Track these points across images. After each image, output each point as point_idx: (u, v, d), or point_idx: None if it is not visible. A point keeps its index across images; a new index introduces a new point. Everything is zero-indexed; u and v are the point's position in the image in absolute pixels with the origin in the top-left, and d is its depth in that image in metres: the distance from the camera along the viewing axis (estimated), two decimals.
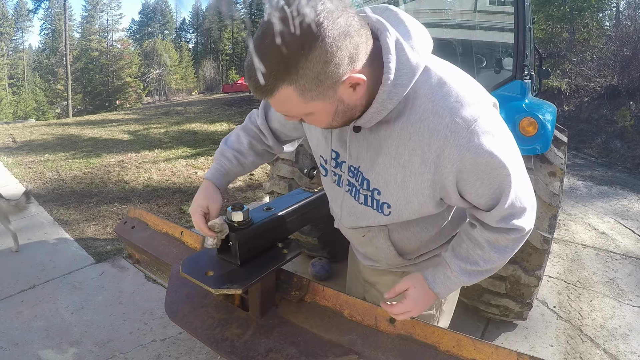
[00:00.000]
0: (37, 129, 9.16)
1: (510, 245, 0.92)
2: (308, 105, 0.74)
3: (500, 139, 0.80)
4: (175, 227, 1.51)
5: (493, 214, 0.87)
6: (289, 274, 1.22)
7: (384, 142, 0.87)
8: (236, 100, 15.71)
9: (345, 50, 0.68)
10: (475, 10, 3.23)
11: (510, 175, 0.82)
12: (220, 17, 36.07)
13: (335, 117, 0.80)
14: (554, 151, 2.13)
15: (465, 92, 0.80)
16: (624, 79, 9.27)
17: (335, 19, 0.67)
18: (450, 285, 0.96)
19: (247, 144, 1.16)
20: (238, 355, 1.03)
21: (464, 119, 0.77)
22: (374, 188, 0.94)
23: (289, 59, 0.66)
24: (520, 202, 0.87)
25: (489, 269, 0.95)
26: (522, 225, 0.88)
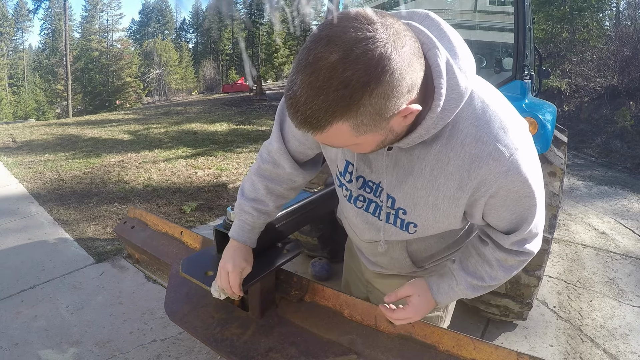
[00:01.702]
0: (37, 129, 9.16)
1: (516, 265, 0.93)
2: (359, 138, 0.67)
3: (535, 169, 0.80)
4: (175, 227, 1.51)
5: (510, 237, 0.87)
6: (289, 274, 1.22)
7: (417, 163, 0.83)
8: (236, 100, 15.72)
9: (407, 82, 0.62)
10: (475, 10, 3.23)
11: (536, 206, 0.83)
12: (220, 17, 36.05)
13: (380, 145, 0.74)
14: (554, 151, 2.13)
15: (508, 118, 0.77)
16: (624, 79, 9.27)
17: (402, 48, 0.60)
18: (453, 296, 0.98)
19: (263, 190, 1.05)
20: (238, 355, 1.03)
21: (507, 147, 0.75)
22: (399, 207, 0.90)
23: (351, 95, 0.58)
24: (536, 229, 0.88)
25: (493, 285, 0.96)
26: (532, 249, 0.91)
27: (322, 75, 0.57)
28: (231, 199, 4.38)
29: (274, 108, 12.47)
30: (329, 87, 0.58)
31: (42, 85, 37.02)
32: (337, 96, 0.58)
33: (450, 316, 1.26)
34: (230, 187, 4.77)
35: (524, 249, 0.89)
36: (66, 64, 30.81)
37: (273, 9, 0.85)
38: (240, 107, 13.07)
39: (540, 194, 0.83)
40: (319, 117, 0.60)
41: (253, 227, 1.06)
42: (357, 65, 0.56)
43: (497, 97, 0.81)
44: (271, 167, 1.04)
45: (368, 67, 0.57)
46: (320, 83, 0.58)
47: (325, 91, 0.58)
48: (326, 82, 0.57)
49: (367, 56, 0.57)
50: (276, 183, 1.05)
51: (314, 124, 0.62)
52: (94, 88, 39.37)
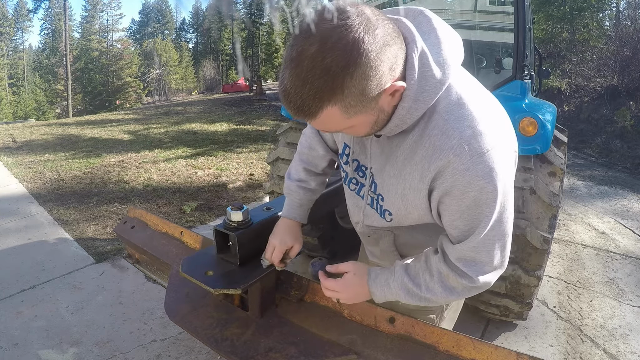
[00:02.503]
0: (37, 129, 9.16)
1: (457, 288, 0.88)
2: (351, 120, 0.72)
3: (500, 181, 0.76)
4: (175, 227, 1.51)
5: (457, 248, 0.84)
6: (289, 274, 1.22)
7: (394, 151, 0.86)
8: (236, 100, 15.72)
9: (386, 62, 0.66)
10: (475, 10, 3.23)
11: (491, 220, 0.79)
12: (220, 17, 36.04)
13: (374, 126, 0.78)
14: (554, 151, 2.13)
15: (483, 120, 0.76)
16: (624, 79, 9.27)
17: (374, 31, 0.64)
18: (386, 292, 0.94)
19: (304, 172, 1.18)
20: (238, 355, 1.03)
21: (471, 147, 0.74)
22: (379, 193, 0.93)
23: (333, 80, 0.63)
24: (488, 253, 0.83)
25: (428, 298, 0.90)
26: (477, 277, 0.84)
27: (305, 66, 0.63)
28: (231, 199, 4.38)
29: (274, 108, 12.48)
30: (313, 76, 0.63)
31: (42, 85, 37.03)
32: (321, 83, 0.63)
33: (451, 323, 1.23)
34: (230, 187, 4.77)
35: (467, 270, 0.84)
36: (66, 64, 30.81)
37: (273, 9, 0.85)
38: (240, 107, 13.07)
39: (500, 212, 0.79)
40: (309, 105, 0.66)
41: (301, 204, 1.17)
42: (334, 51, 0.61)
43: (481, 98, 0.80)
44: (308, 151, 1.17)
45: (344, 52, 0.62)
46: (305, 74, 0.63)
47: (310, 80, 0.63)
48: (310, 72, 0.63)
49: (342, 42, 0.61)
50: (313, 165, 1.18)
51: (306, 111, 0.67)
52: (94, 88, 39.39)
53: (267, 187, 2.78)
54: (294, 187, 1.16)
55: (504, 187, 0.78)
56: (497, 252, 0.83)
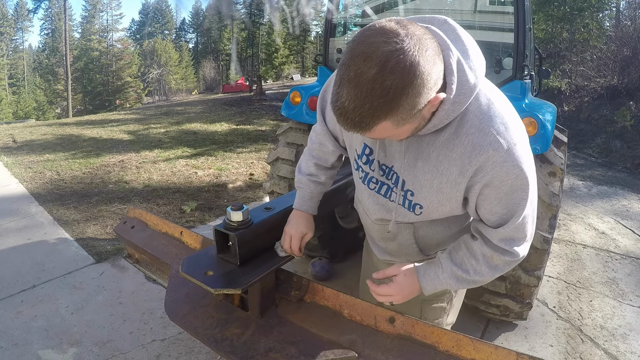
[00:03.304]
0: (37, 129, 9.16)
1: (501, 265, 0.97)
2: (398, 129, 0.78)
3: (529, 167, 0.88)
4: (175, 227, 1.51)
5: (499, 231, 0.93)
6: (289, 274, 1.22)
7: (425, 149, 0.92)
8: (236, 100, 15.72)
9: (433, 77, 0.73)
10: (475, 10, 3.23)
11: (527, 202, 0.90)
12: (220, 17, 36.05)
13: (414, 132, 0.85)
14: (554, 151, 2.13)
15: (509, 117, 0.87)
16: (624, 79, 9.27)
17: (425, 52, 0.70)
18: (437, 284, 1.01)
19: (314, 167, 1.24)
20: (238, 355, 1.03)
21: (506, 140, 0.84)
22: (408, 189, 0.99)
23: (392, 100, 0.70)
24: (524, 230, 0.94)
25: (477, 280, 1.00)
26: (518, 251, 0.95)
27: (365, 87, 0.69)
28: (231, 199, 4.38)
29: (274, 108, 12.48)
30: (373, 96, 0.69)
31: (42, 85, 37.03)
32: (380, 102, 0.70)
33: (455, 312, 1.29)
34: (230, 187, 4.77)
35: (511, 249, 0.94)
36: (66, 64, 30.81)
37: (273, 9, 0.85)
38: (240, 107, 13.07)
39: (532, 194, 0.90)
40: (366, 121, 0.72)
41: (312, 197, 1.23)
42: (394, 75, 0.68)
43: (502, 98, 0.91)
44: (318, 147, 1.23)
45: (403, 75, 0.68)
46: (365, 94, 0.69)
47: (370, 100, 0.69)
48: (370, 93, 0.69)
49: (400, 66, 0.68)
50: (323, 160, 1.24)
51: (363, 126, 0.74)
52: (94, 88, 39.39)
53: (267, 187, 2.78)
54: (305, 181, 1.23)
55: (532, 172, 0.90)
56: (530, 228, 0.95)
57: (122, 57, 40.34)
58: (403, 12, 3.24)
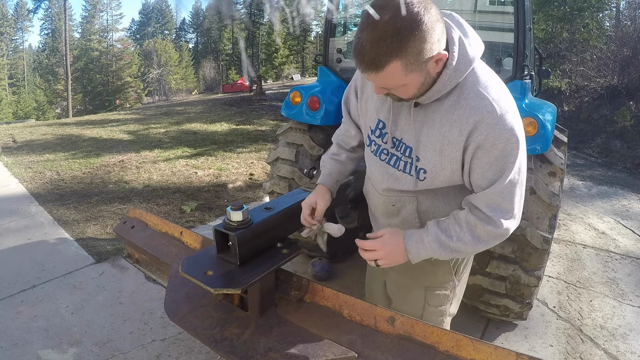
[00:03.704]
0: (37, 129, 9.16)
1: (484, 237, 1.03)
2: (407, 77, 0.91)
3: (520, 138, 0.97)
4: (175, 227, 1.51)
5: (486, 193, 1.00)
6: (289, 274, 1.22)
7: (430, 116, 1.03)
8: (236, 100, 15.71)
9: (436, 33, 0.88)
10: (475, 10, 3.23)
11: (515, 168, 0.97)
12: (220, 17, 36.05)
13: (420, 88, 0.97)
14: (554, 151, 2.13)
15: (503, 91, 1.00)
16: (624, 79, 9.27)
17: (430, 10, 0.86)
18: (421, 248, 1.06)
19: (336, 147, 1.40)
20: (237, 354, 1.03)
21: (500, 106, 0.96)
22: (414, 156, 1.08)
23: (401, 39, 0.84)
24: (511, 200, 1.00)
25: (459, 248, 1.04)
26: (502, 222, 1.00)
27: (380, 29, 0.84)
28: (231, 199, 4.38)
29: (274, 108, 12.48)
30: (387, 36, 0.84)
31: (42, 85, 37.02)
32: (393, 41, 0.84)
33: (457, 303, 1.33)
34: (230, 187, 4.77)
35: (495, 217, 1.00)
36: (66, 64, 30.81)
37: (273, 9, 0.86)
38: (240, 107, 13.06)
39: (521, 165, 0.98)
40: (381, 59, 0.86)
41: (330, 173, 1.34)
42: (404, 20, 0.83)
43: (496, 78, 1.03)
44: (343, 132, 1.40)
45: (411, 20, 0.84)
46: (380, 34, 0.84)
47: (384, 38, 0.84)
48: (384, 33, 0.84)
49: (409, 14, 0.83)
50: (345, 143, 1.39)
51: (377, 64, 0.87)
52: (94, 88, 39.39)
53: (267, 187, 2.78)
54: (327, 159, 1.37)
55: (523, 144, 0.98)
56: (517, 201, 1.01)
57: (122, 57, 40.34)
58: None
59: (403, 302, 1.31)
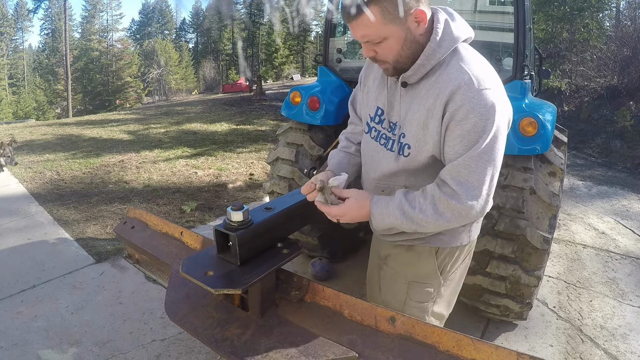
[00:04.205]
0: (37, 129, 9.16)
1: (446, 212, 1.01)
2: (386, 27, 0.96)
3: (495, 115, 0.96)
4: (175, 227, 1.51)
5: (453, 164, 0.99)
6: (289, 274, 1.21)
7: (417, 93, 1.07)
8: (236, 100, 15.71)
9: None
10: (475, 10, 3.23)
11: (484, 143, 0.96)
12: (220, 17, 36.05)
13: (404, 46, 1.01)
14: (554, 151, 2.13)
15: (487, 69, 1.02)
16: (624, 79, 9.27)
17: None
18: (384, 212, 1.07)
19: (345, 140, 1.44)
20: (238, 355, 1.03)
21: (479, 81, 0.97)
22: (402, 132, 1.11)
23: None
24: (478, 175, 0.98)
25: (419, 220, 1.03)
26: (466, 198, 0.98)
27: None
28: (231, 199, 4.38)
29: (274, 108, 12.47)
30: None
31: (42, 85, 37.01)
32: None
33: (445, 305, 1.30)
34: (230, 187, 4.77)
35: (460, 191, 0.98)
36: (66, 64, 30.80)
37: (273, 9, 0.86)
38: (240, 107, 13.06)
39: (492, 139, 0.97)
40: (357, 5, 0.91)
41: (340, 162, 1.36)
42: None
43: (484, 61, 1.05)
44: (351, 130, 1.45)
45: None
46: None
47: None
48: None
49: None
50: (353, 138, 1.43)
51: (354, 10, 0.93)
52: (94, 88, 39.37)
53: (267, 187, 2.78)
54: (335, 152, 1.40)
55: (499, 123, 0.97)
56: (486, 179, 0.99)
57: (122, 57, 40.32)
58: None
59: (388, 292, 1.31)
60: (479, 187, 0.98)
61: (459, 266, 1.26)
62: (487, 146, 0.96)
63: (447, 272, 1.24)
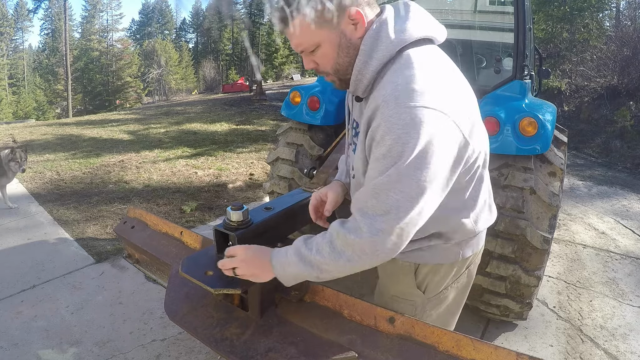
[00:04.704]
0: (37, 129, 9.16)
1: (346, 251, 0.87)
2: (317, 32, 0.87)
3: (418, 140, 0.78)
4: (175, 227, 1.51)
5: (362, 191, 0.88)
6: None
7: (365, 109, 0.94)
8: (236, 100, 15.71)
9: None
10: (475, 10, 3.23)
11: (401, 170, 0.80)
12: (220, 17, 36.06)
13: (340, 52, 0.91)
14: (554, 151, 2.13)
15: (424, 82, 0.82)
16: (624, 79, 9.26)
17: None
18: (283, 261, 0.96)
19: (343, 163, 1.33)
20: (237, 355, 1.03)
21: (405, 96, 0.80)
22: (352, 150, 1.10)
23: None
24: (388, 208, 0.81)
25: (317, 262, 0.91)
26: (368, 232, 0.83)
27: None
28: (231, 199, 4.38)
29: (274, 108, 12.47)
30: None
31: (42, 85, 37.01)
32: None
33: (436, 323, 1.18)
34: (230, 187, 4.77)
35: (362, 224, 0.83)
36: (66, 64, 30.78)
37: (273, 9, 0.86)
38: (240, 107, 13.06)
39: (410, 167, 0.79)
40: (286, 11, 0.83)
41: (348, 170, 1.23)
42: None
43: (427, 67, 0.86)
44: None
45: None
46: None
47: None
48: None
49: None
50: None
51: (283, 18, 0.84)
52: (94, 88, 39.37)
53: (267, 187, 2.78)
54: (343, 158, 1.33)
55: (423, 150, 0.79)
56: (399, 211, 0.81)
57: (122, 57, 40.31)
58: None
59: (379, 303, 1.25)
60: (388, 220, 0.82)
61: (449, 285, 1.13)
62: (403, 174, 0.79)
63: (432, 291, 1.12)
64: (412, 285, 1.12)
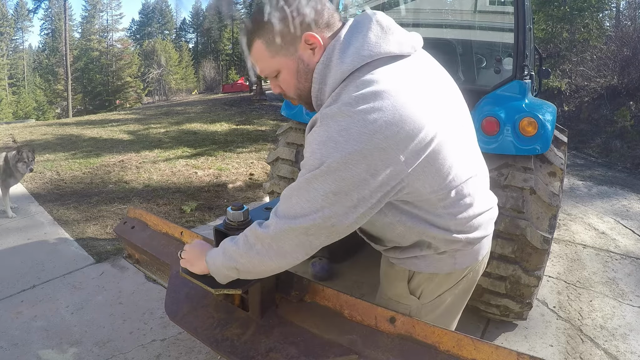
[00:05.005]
0: (37, 129, 9.16)
1: (256, 244, 0.90)
2: (275, 60, 0.89)
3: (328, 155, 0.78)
4: (175, 227, 1.51)
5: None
6: (289, 274, 1.21)
7: None
8: (236, 100, 15.71)
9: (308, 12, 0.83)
10: (475, 10, 3.24)
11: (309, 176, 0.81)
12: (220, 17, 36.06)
13: (299, 78, 0.91)
14: (554, 151, 2.13)
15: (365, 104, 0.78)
16: (624, 79, 9.26)
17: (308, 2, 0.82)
18: (215, 258, 0.99)
19: None
20: (238, 355, 1.03)
21: (331, 113, 0.80)
22: None
23: (259, 19, 0.86)
24: (292, 208, 0.84)
25: (232, 253, 0.94)
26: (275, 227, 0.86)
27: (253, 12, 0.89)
28: (231, 199, 4.38)
29: (274, 108, 12.48)
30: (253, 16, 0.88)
31: (42, 85, 37.00)
32: (254, 19, 0.88)
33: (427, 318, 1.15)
34: (230, 187, 4.77)
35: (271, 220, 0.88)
36: (66, 64, 30.77)
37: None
38: (240, 107, 13.06)
39: (314, 181, 0.80)
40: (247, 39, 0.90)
41: None
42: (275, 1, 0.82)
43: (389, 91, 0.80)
44: None
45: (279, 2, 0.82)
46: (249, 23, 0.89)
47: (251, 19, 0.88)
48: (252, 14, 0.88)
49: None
50: None
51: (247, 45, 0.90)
52: (94, 88, 39.35)
53: (267, 187, 2.78)
54: None
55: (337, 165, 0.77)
56: (299, 216, 0.83)
57: (122, 57, 40.30)
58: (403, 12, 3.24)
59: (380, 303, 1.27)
60: (292, 224, 0.84)
61: (445, 293, 1.12)
62: (312, 185, 0.80)
63: (427, 297, 1.12)
64: (405, 289, 1.12)
